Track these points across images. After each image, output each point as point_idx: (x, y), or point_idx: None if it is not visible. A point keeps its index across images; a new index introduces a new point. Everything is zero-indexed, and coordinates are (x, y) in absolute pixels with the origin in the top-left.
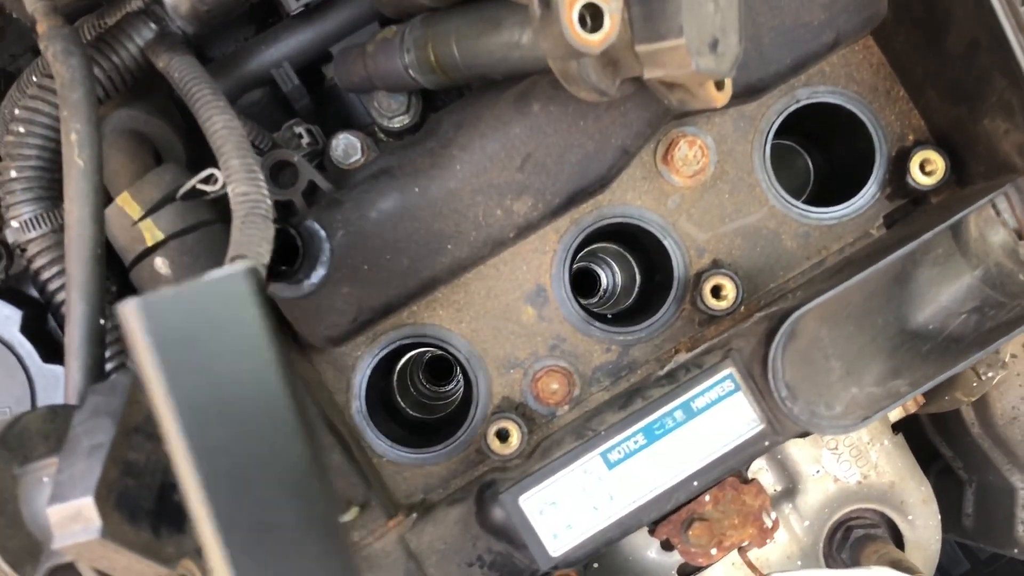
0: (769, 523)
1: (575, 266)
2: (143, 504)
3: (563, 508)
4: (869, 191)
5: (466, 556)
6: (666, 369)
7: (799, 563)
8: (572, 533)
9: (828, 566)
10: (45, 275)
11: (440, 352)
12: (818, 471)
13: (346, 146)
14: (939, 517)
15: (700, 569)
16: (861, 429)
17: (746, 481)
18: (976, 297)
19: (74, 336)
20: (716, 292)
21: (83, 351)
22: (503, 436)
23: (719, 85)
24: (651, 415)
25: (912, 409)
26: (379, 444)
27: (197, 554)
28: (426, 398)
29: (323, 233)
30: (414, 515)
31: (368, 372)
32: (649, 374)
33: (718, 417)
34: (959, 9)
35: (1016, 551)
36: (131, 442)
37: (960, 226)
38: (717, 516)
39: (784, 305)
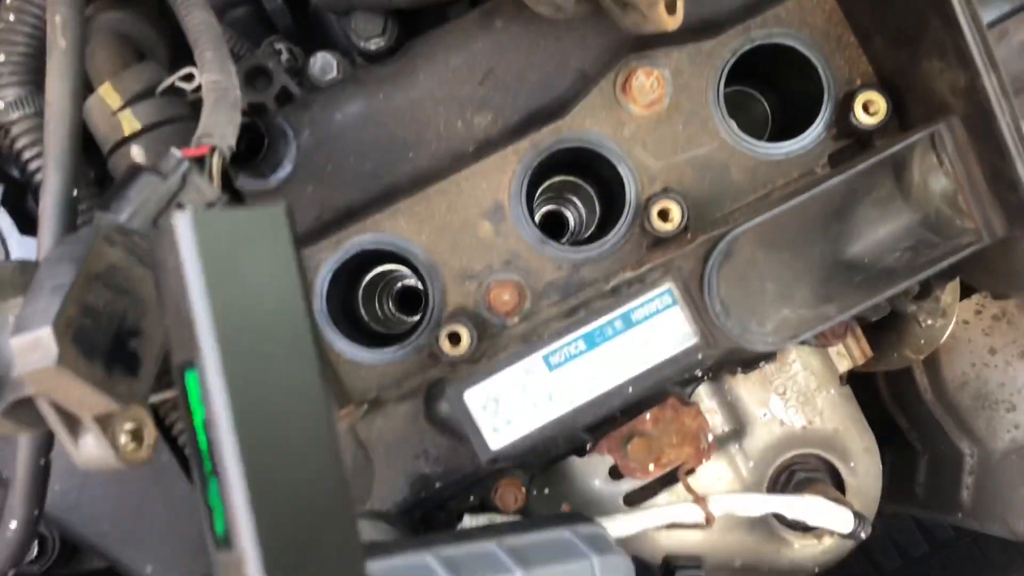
0: (706, 444)
1: (544, 208)
2: (98, 345)
3: (505, 405)
4: (816, 130)
5: (412, 449)
6: (611, 284)
7: None
8: (512, 428)
9: None
10: (27, 155)
11: (413, 285)
12: (765, 414)
13: (323, 64)
14: (880, 467)
15: (646, 497)
16: (789, 346)
17: (687, 403)
18: (913, 237)
19: (47, 204)
20: (663, 215)
21: (55, 218)
22: (454, 339)
23: (670, 8)
24: (592, 323)
25: (860, 361)
26: (337, 342)
27: (146, 402)
28: (391, 321)
29: (290, 131)
30: (364, 406)
31: (330, 275)
32: (597, 291)
33: (655, 328)
34: None
35: (960, 515)
36: (91, 287)
37: (903, 172)
38: (656, 434)
39: (724, 228)
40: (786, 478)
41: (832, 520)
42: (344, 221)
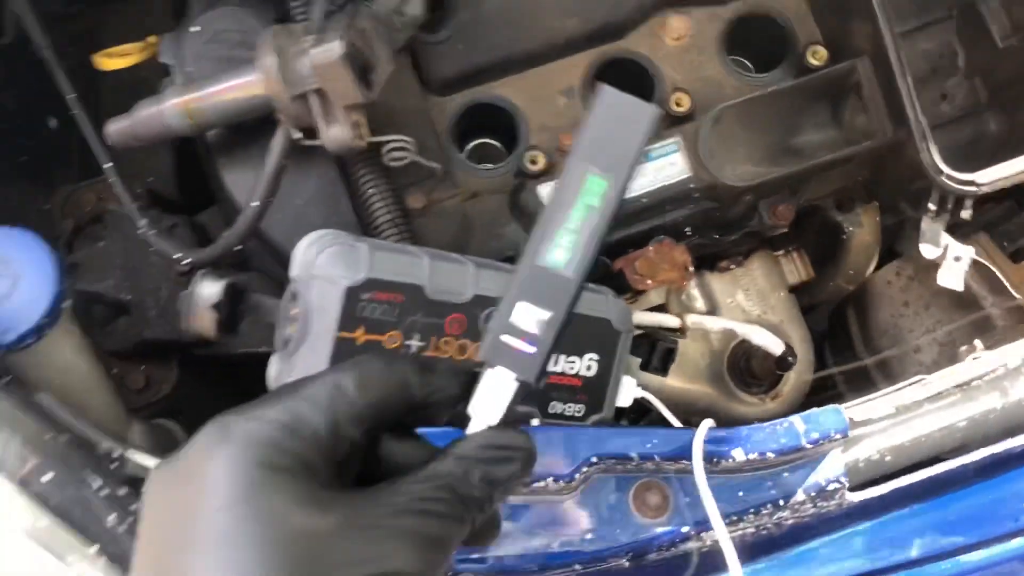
0: (688, 272)
1: None
2: (356, 64)
3: None
4: (782, 69)
5: (498, 225)
6: None
7: (708, 362)
8: None
9: (729, 370)
10: None
11: None
12: (731, 301)
13: None
14: (812, 356)
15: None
16: (750, 183)
17: (678, 244)
18: (837, 146)
19: None
20: (678, 102)
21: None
22: (534, 160)
23: None
24: None
25: (804, 277)
26: (456, 156)
27: (366, 113)
28: None
29: (454, 7)
30: (471, 193)
31: (456, 117)
32: None
33: (664, 163)
34: None
35: None
36: (356, 34)
37: (839, 109)
38: (656, 260)
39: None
40: (743, 352)
41: (769, 343)
42: (476, 78)
